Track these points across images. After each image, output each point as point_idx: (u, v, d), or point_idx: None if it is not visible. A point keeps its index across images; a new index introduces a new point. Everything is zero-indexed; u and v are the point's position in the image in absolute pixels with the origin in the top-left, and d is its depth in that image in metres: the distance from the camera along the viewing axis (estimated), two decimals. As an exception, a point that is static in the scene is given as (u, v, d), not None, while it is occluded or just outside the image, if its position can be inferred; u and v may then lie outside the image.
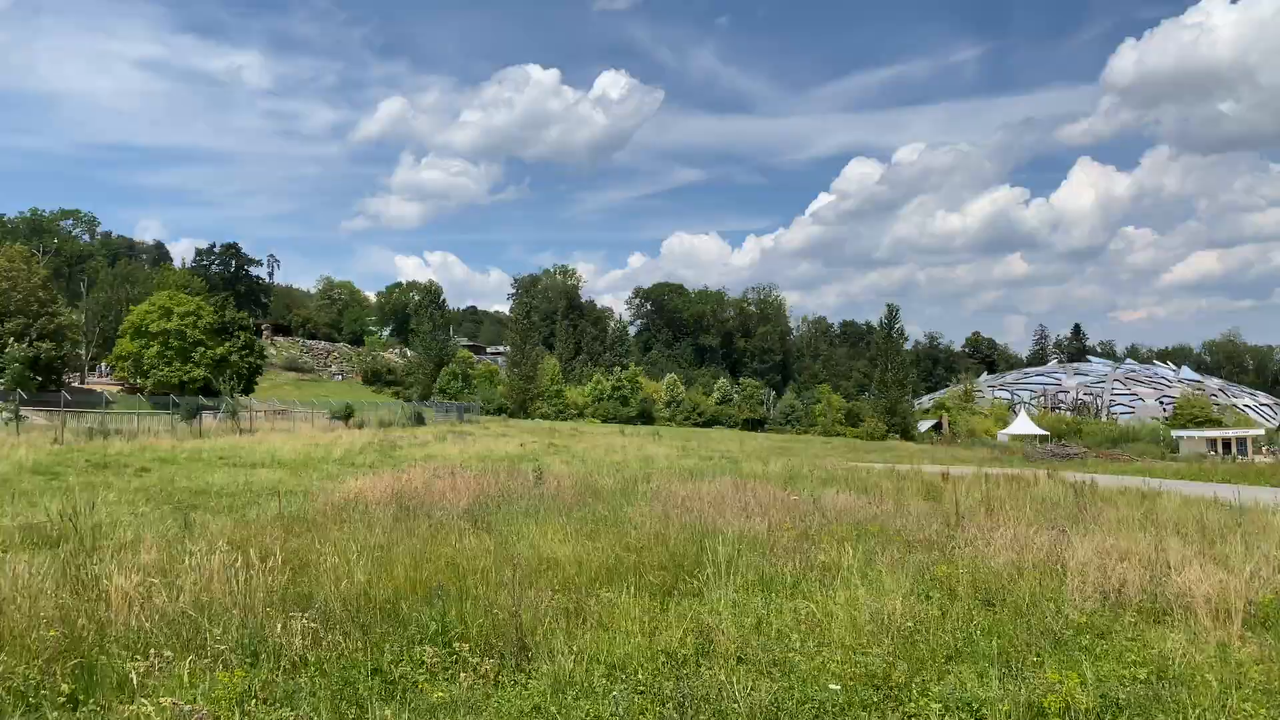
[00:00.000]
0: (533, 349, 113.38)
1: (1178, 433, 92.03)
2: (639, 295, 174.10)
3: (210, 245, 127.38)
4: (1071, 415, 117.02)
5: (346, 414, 61.80)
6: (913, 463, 48.40)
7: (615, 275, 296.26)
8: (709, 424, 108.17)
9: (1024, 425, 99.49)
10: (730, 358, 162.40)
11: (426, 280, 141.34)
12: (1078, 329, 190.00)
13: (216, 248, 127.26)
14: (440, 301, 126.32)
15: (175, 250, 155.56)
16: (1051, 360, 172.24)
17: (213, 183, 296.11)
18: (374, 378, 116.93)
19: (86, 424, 45.20)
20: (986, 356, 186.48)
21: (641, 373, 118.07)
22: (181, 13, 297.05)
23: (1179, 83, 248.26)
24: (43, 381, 50.35)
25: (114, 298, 79.00)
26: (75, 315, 69.83)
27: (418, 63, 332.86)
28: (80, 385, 64.89)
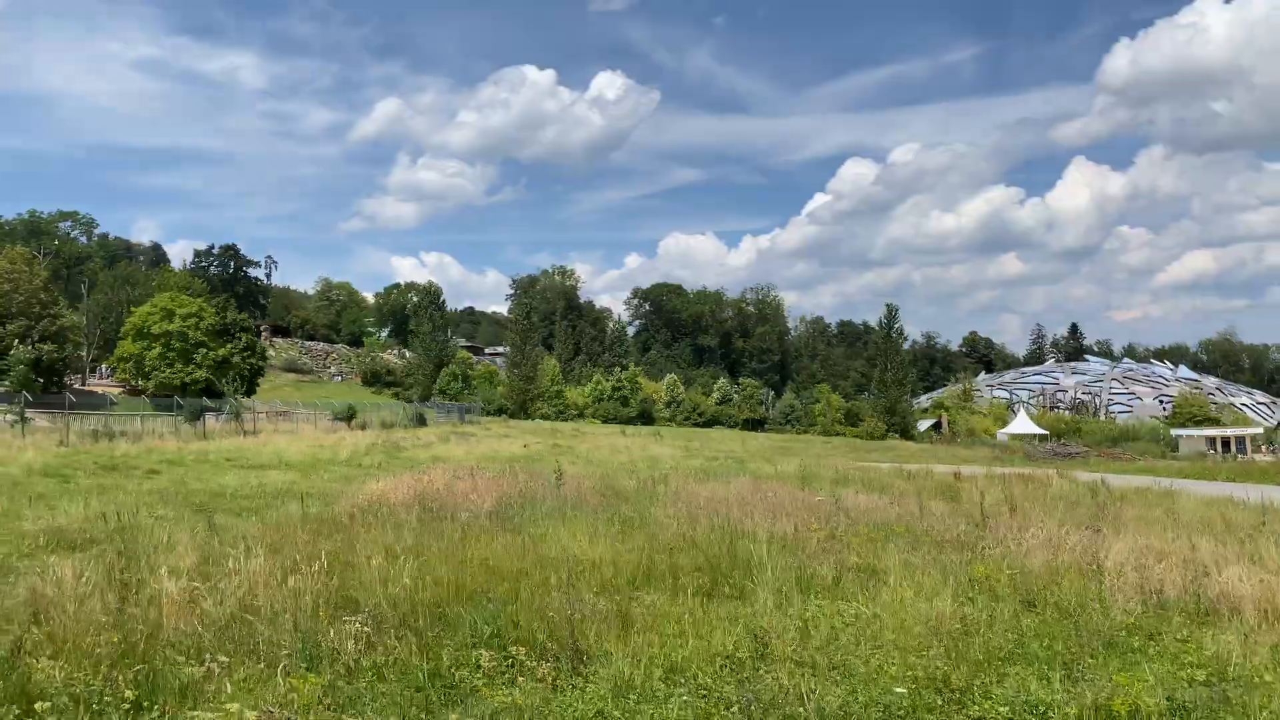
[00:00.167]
0: (533, 350, 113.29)
1: (1177, 431, 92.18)
2: (637, 295, 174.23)
3: (209, 247, 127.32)
4: (1070, 414, 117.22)
5: (349, 415, 61.70)
6: (917, 462, 48.49)
7: (612, 275, 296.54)
8: (709, 424, 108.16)
9: (1023, 424, 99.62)
10: (729, 358, 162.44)
11: (426, 281, 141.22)
12: (1075, 328, 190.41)
13: (215, 249, 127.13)
14: (440, 302, 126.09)
15: (172, 252, 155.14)
16: (1049, 359, 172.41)
17: (209, 184, 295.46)
18: (373, 379, 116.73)
19: (90, 426, 45.08)
20: (984, 356, 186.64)
21: (641, 373, 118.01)
22: (178, 14, 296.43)
23: (1173, 83, 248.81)
24: (45, 384, 50.18)
25: (114, 299, 78.78)
26: (76, 317, 69.63)
27: (414, 63, 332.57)
28: (81, 387, 64.71)
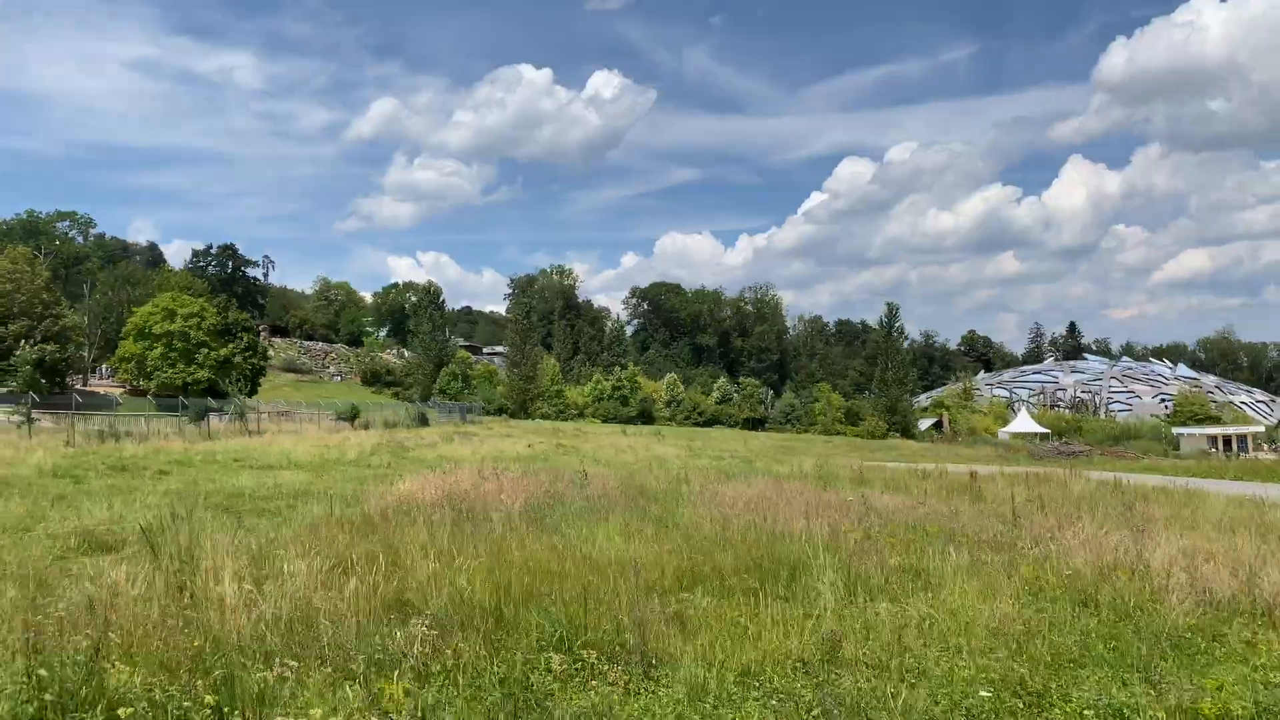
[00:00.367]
0: (532, 349, 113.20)
1: (1178, 430, 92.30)
2: (636, 295, 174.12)
3: (207, 246, 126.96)
4: (1071, 413, 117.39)
5: (352, 415, 61.56)
6: (921, 461, 48.47)
7: (609, 275, 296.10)
8: (709, 423, 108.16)
9: (1025, 423, 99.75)
10: (727, 357, 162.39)
11: (425, 281, 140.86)
12: (1073, 327, 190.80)
13: (213, 249, 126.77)
14: (440, 302, 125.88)
15: (168, 252, 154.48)
16: (1048, 358, 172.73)
17: (205, 184, 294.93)
18: (373, 378, 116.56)
19: (94, 426, 44.88)
20: (982, 355, 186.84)
21: (640, 373, 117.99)
22: (174, 14, 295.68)
23: (1170, 81, 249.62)
24: (48, 384, 49.97)
25: (115, 299, 78.51)
26: (77, 317, 69.36)
27: (410, 63, 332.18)
28: (83, 387, 64.46)
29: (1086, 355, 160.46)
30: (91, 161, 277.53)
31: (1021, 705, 6.13)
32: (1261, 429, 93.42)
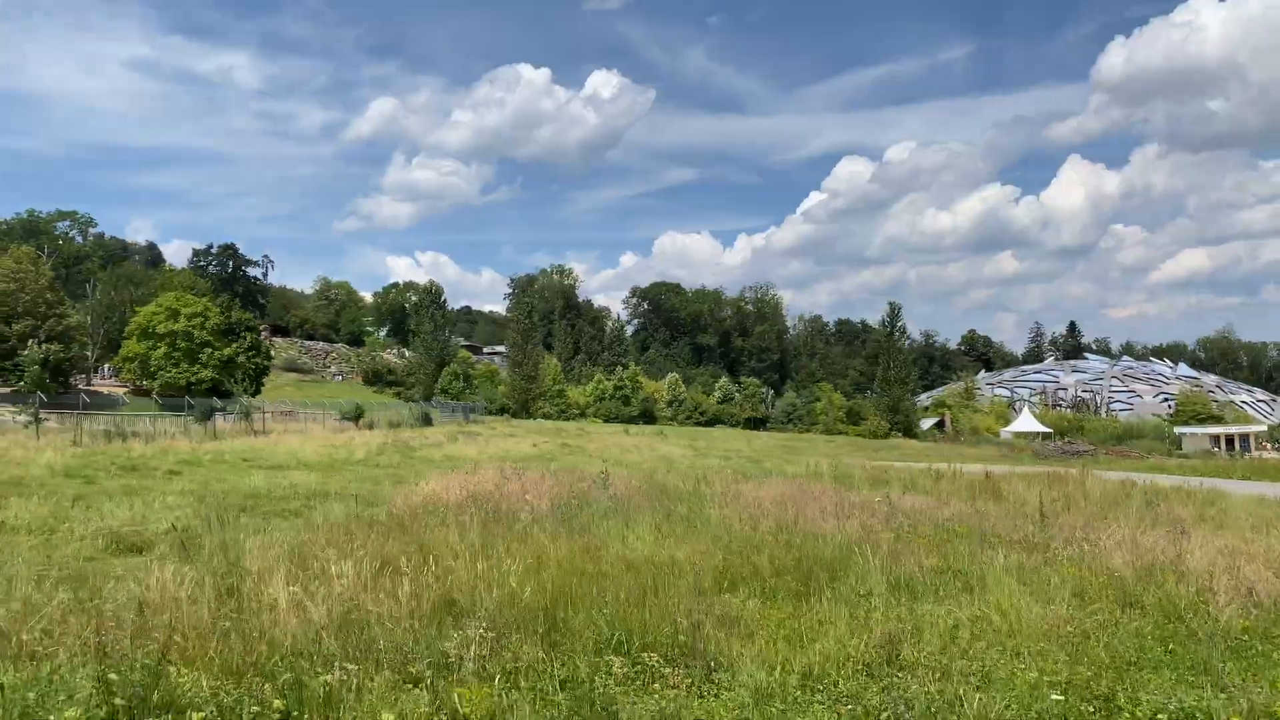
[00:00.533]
0: (534, 349, 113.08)
1: (1181, 429, 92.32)
2: (636, 294, 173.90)
3: (207, 246, 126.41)
4: (1072, 413, 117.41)
5: (356, 415, 61.46)
6: (926, 461, 48.39)
7: (608, 275, 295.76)
8: (710, 423, 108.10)
9: (1027, 423, 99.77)
10: (728, 357, 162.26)
11: (427, 281, 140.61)
12: (1073, 326, 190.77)
13: (214, 248, 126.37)
14: (441, 301, 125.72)
15: (167, 251, 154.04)
16: (1048, 358, 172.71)
17: (203, 184, 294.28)
18: (375, 378, 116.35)
19: (99, 426, 44.75)
20: (982, 354, 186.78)
21: (640, 372, 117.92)
22: (172, 13, 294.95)
23: (1168, 81, 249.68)
24: (53, 384, 49.83)
25: (117, 299, 78.33)
26: (80, 317, 69.22)
27: (409, 63, 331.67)
28: (87, 387, 64.35)
29: (1087, 355, 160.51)
30: (90, 161, 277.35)
31: (1091, 710, 6.07)
32: (1264, 428, 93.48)
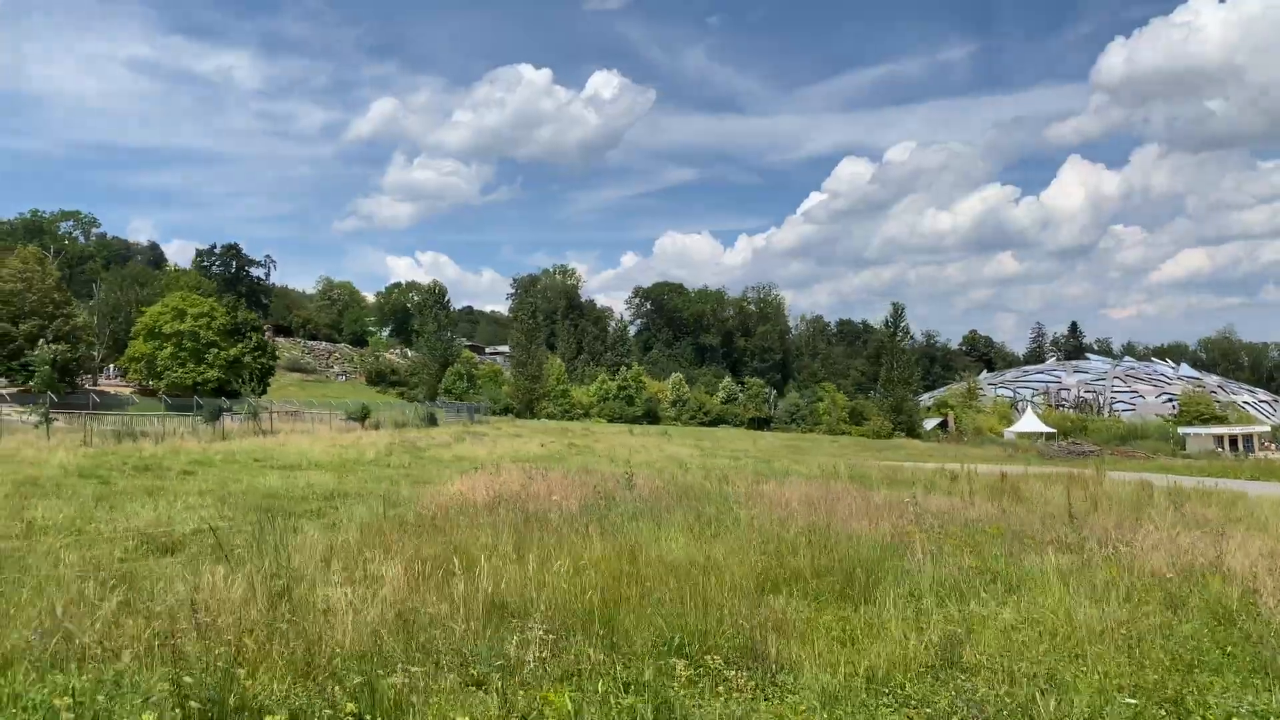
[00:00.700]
0: (538, 349, 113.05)
1: (1184, 430, 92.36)
2: (639, 295, 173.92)
3: (211, 246, 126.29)
4: (1075, 413, 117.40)
5: (363, 415, 61.40)
6: (933, 461, 48.36)
7: (608, 275, 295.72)
8: (714, 423, 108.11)
9: (1030, 423, 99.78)
10: (730, 357, 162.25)
11: (430, 281, 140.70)
12: (1074, 326, 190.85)
13: (217, 248, 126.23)
14: (445, 301, 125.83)
15: (168, 251, 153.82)
16: (1050, 358, 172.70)
17: (203, 184, 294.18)
18: (378, 378, 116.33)
19: (107, 426, 44.69)
20: (984, 354, 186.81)
21: (643, 372, 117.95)
22: (172, 13, 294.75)
23: (1168, 81, 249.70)
24: (63, 385, 49.79)
25: (123, 299, 78.33)
26: (86, 317, 69.22)
27: (409, 63, 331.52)
28: (93, 387, 64.33)
29: (1089, 355, 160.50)
30: (90, 161, 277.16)
31: (1163, 714, 6.03)
32: (1267, 428, 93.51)
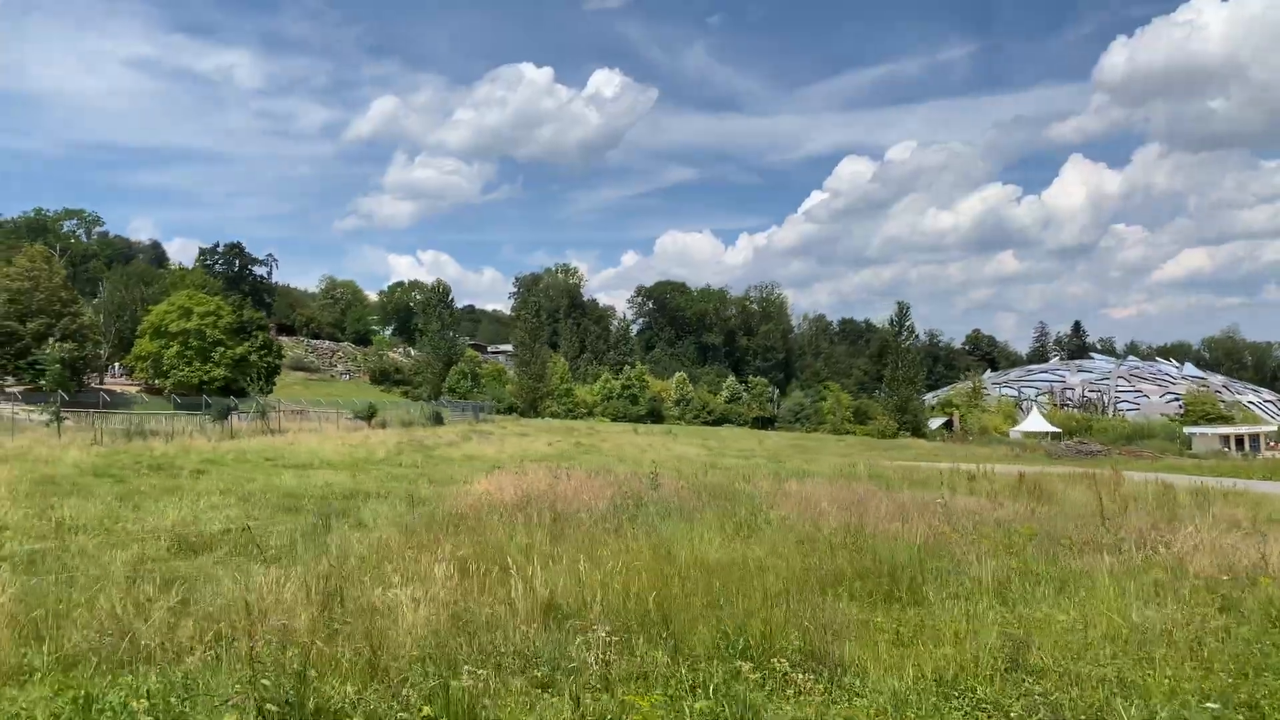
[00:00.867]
0: (541, 348, 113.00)
1: (1190, 429, 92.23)
2: (641, 294, 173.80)
3: (214, 245, 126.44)
4: (1080, 412, 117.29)
5: (369, 414, 61.45)
6: (941, 460, 48.30)
7: (609, 274, 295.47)
8: (718, 422, 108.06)
9: (1036, 423, 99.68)
10: (733, 356, 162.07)
11: (434, 281, 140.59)
12: (1078, 326, 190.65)
13: (220, 247, 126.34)
14: (449, 300, 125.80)
15: (169, 250, 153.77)
16: (1053, 357, 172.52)
17: (204, 182, 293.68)
18: (382, 377, 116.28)
19: (116, 425, 44.62)
20: (987, 354, 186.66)
21: (646, 371, 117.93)
22: (172, 12, 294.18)
23: (1170, 80, 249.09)
24: (74, 383, 49.70)
25: (127, 298, 78.30)
26: (92, 315, 69.15)
27: (410, 62, 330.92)
28: (99, 386, 64.26)
29: (1093, 355, 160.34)
30: (89, 160, 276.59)
31: (1241, 719, 5.96)
32: (1273, 428, 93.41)
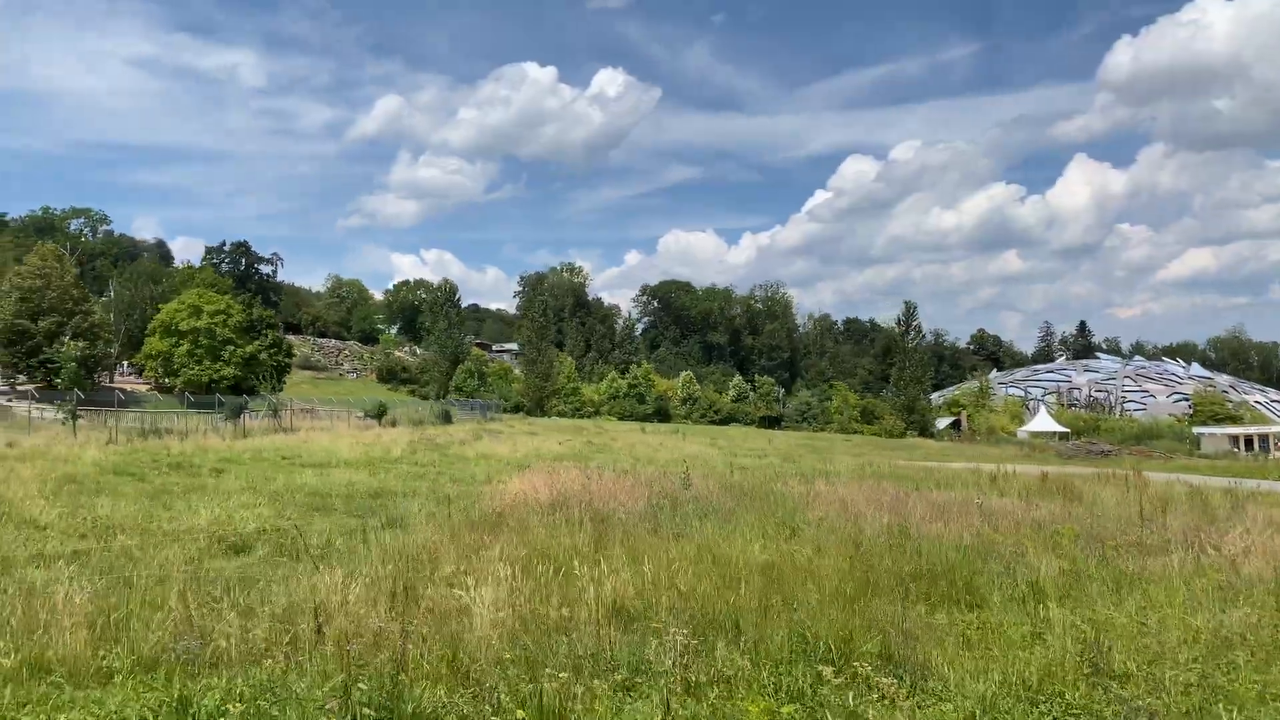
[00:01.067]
0: (548, 347, 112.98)
1: (1199, 429, 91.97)
2: (646, 293, 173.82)
3: (220, 244, 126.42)
4: (1087, 412, 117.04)
5: (380, 413, 61.40)
6: (955, 461, 48.20)
7: (612, 273, 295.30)
8: (724, 422, 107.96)
9: (1044, 422, 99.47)
10: (738, 355, 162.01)
11: (441, 280, 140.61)
12: (1083, 325, 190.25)
13: (226, 246, 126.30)
14: (456, 299, 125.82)
15: (173, 249, 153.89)
16: (1059, 357, 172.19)
17: (207, 182, 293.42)
18: (388, 376, 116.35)
19: (129, 424, 44.58)
20: (992, 353, 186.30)
21: (652, 370, 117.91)
22: (175, 11, 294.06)
23: (1175, 79, 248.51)
24: (89, 382, 49.69)
25: (136, 296, 78.32)
26: (102, 314, 69.17)
27: (413, 61, 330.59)
28: (110, 384, 64.27)
29: (1099, 354, 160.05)
30: (93, 159, 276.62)
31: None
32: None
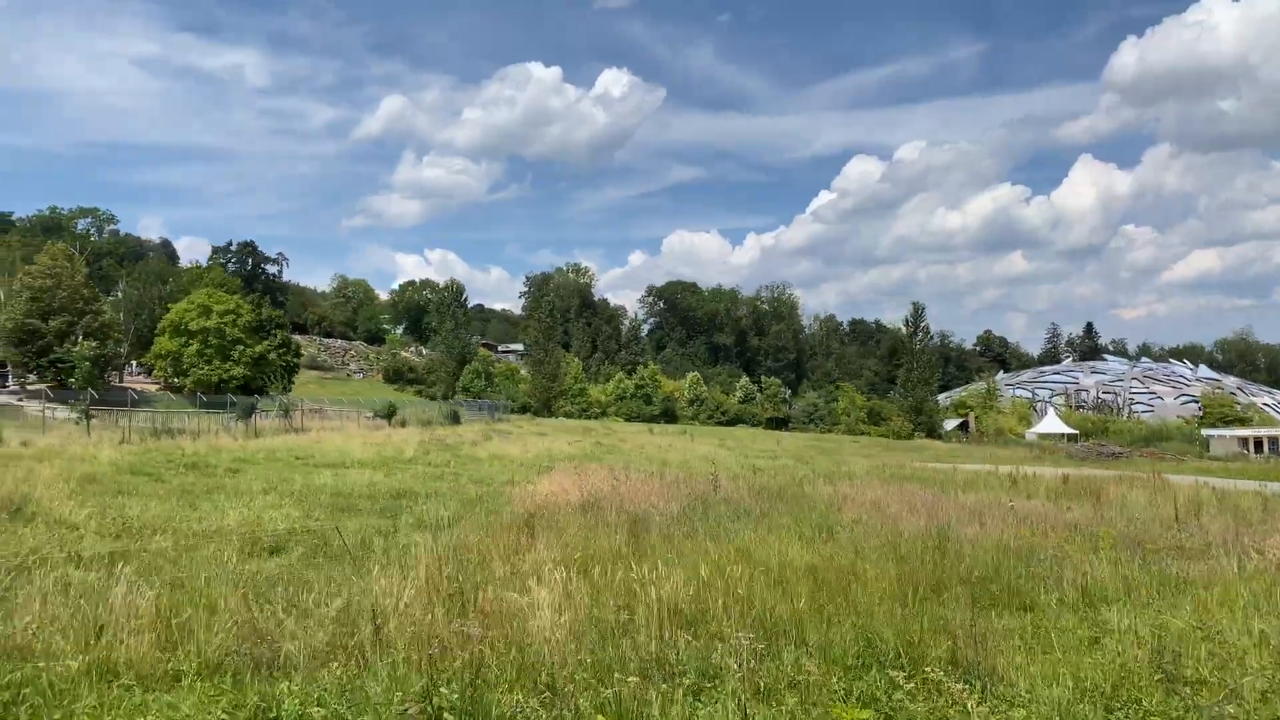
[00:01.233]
0: (555, 348, 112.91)
1: (1208, 431, 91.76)
2: (652, 293, 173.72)
3: (227, 243, 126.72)
4: (1095, 414, 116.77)
5: (389, 413, 61.36)
6: (963, 463, 48.00)
7: (616, 273, 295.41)
8: (731, 422, 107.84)
9: (1052, 424, 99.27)
10: (744, 356, 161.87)
11: (447, 280, 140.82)
12: (1090, 327, 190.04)
13: (233, 245, 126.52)
14: (463, 300, 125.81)
15: (178, 248, 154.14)
16: (1065, 358, 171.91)
17: (211, 181, 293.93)
18: (395, 376, 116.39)
19: (139, 423, 44.53)
20: (998, 355, 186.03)
21: (659, 371, 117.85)
22: (179, 11, 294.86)
23: (1180, 80, 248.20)
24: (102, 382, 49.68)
25: (145, 296, 78.38)
26: (112, 313, 69.23)
27: (417, 61, 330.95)
28: (119, 384, 64.30)
29: (1106, 356, 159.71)
30: (97, 159, 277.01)
31: None
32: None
